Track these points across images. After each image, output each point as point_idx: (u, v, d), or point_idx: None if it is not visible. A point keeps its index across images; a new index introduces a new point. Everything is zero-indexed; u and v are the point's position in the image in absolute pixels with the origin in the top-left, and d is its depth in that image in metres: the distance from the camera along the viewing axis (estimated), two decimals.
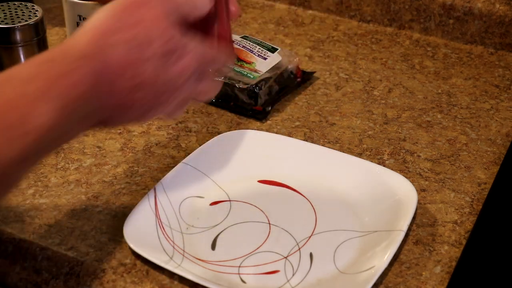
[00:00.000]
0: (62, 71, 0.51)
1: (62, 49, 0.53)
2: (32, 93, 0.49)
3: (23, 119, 0.48)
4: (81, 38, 0.53)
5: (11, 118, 0.48)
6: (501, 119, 0.88)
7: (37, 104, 0.49)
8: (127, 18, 0.54)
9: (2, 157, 0.47)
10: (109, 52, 0.53)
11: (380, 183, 0.73)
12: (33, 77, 0.50)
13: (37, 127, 0.49)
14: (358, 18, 1.12)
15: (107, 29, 0.53)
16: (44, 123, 0.49)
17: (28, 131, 0.48)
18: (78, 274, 0.65)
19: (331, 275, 0.65)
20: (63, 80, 0.50)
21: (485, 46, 1.04)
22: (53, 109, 0.49)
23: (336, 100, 0.92)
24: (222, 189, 0.75)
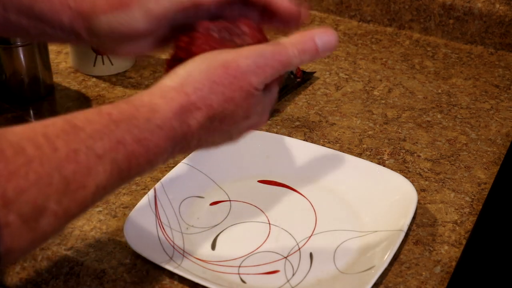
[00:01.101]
0: (137, 137, 0.49)
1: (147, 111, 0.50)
2: (98, 150, 0.47)
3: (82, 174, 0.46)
4: (169, 103, 0.51)
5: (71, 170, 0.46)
6: (501, 119, 0.88)
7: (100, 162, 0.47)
8: (218, 92, 0.52)
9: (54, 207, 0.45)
10: (191, 124, 0.52)
11: (380, 183, 0.73)
12: (104, 134, 0.48)
13: (95, 183, 0.47)
14: (358, 18, 1.12)
15: (195, 100, 0.52)
16: (101, 181, 0.48)
17: (85, 185, 0.47)
18: (78, 274, 0.65)
19: (331, 275, 0.65)
20: (135, 146, 0.49)
21: (485, 46, 1.04)
22: (116, 170, 0.48)
23: (336, 100, 0.92)
24: (222, 189, 0.75)
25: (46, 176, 0.44)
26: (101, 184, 0.48)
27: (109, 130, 0.48)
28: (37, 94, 0.91)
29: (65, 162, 0.45)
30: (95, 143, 0.47)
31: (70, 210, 0.46)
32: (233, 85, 0.53)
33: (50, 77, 0.92)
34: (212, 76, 0.52)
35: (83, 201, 0.47)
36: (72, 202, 0.46)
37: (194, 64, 0.53)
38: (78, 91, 0.93)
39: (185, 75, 0.52)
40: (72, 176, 0.46)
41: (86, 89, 0.93)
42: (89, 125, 0.48)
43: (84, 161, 0.46)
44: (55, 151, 0.45)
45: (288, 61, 0.54)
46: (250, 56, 0.53)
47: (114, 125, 0.48)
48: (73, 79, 0.96)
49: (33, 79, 0.90)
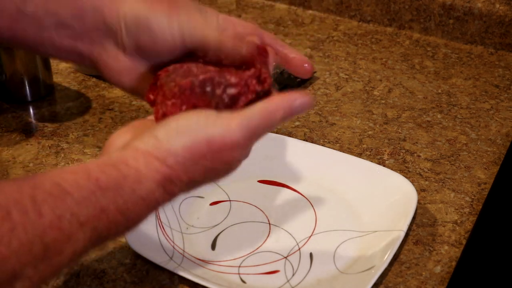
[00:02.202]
0: (121, 208, 0.49)
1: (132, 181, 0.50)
2: (82, 218, 0.47)
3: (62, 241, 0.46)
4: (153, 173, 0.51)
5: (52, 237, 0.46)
6: (501, 119, 0.88)
7: (81, 229, 0.47)
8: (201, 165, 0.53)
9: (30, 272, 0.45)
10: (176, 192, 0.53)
11: (380, 183, 0.73)
12: (90, 202, 0.48)
13: (73, 250, 0.47)
14: (358, 18, 1.12)
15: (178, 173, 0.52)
16: (79, 247, 0.48)
17: (63, 251, 0.47)
18: (78, 274, 0.65)
19: (331, 275, 0.65)
20: (118, 216, 0.49)
21: (485, 46, 1.04)
22: (95, 237, 0.49)
23: (336, 100, 0.92)
24: (222, 189, 0.75)
25: (28, 244, 0.44)
26: (78, 250, 0.48)
27: (95, 198, 0.48)
28: (37, 94, 0.91)
29: (48, 229, 0.45)
30: (80, 211, 0.47)
31: (44, 275, 0.47)
32: (216, 159, 0.53)
33: (50, 77, 0.92)
34: (196, 151, 0.52)
35: (59, 266, 0.47)
36: (48, 267, 0.46)
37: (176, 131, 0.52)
38: (78, 91, 0.93)
39: (166, 146, 0.52)
40: (53, 243, 0.46)
41: (86, 89, 0.93)
42: (77, 191, 0.48)
43: (66, 228, 0.46)
44: (40, 217, 0.45)
45: (271, 128, 0.55)
46: (237, 131, 0.53)
47: (100, 192, 0.49)
48: (73, 79, 0.96)
49: (33, 79, 0.90)
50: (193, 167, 0.52)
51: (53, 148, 0.81)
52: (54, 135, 0.84)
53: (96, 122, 0.86)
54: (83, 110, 0.89)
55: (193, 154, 0.52)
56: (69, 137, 0.83)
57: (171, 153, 0.52)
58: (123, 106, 0.89)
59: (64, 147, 0.81)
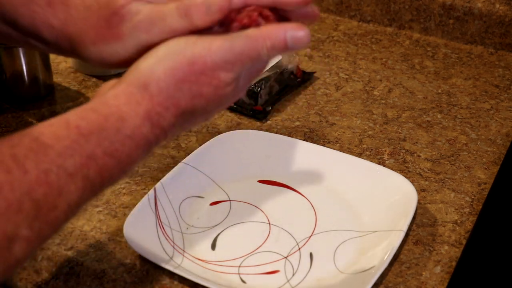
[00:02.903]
0: (108, 150, 0.48)
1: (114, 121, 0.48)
2: (69, 168, 0.46)
3: (54, 195, 0.45)
4: (135, 109, 0.49)
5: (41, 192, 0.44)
6: (501, 119, 0.88)
7: (71, 180, 0.46)
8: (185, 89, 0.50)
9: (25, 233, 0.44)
10: (162, 126, 0.50)
11: (380, 183, 0.73)
12: (74, 150, 0.46)
13: (67, 203, 0.46)
14: (358, 18, 1.12)
15: (162, 101, 0.50)
16: (73, 199, 0.46)
17: (56, 206, 0.45)
18: (78, 274, 0.65)
19: (331, 275, 0.65)
20: (107, 158, 0.48)
21: (485, 46, 1.04)
22: (89, 186, 0.47)
23: (336, 100, 0.92)
24: (222, 189, 0.75)
25: (17, 202, 0.43)
26: (73, 202, 0.46)
27: (79, 145, 0.46)
28: (37, 94, 0.91)
29: (35, 185, 0.44)
30: (66, 161, 0.45)
31: (42, 233, 0.45)
32: (201, 81, 0.51)
33: (50, 77, 0.92)
34: (177, 74, 0.50)
35: (55, 222, 0.46)
36: (44, 225, 0.45)
37: (157, 59, 0.51)
38: (78, 91, 0.93)
39: (148, 71, 0.50)
40: (43, 199, 0.44)
41: (86, 89, 0.93)
42: (58, 142, 0.46)
43: (55, 182, 0.45)
44: (25, 174, 0.44)
45: (257, 56, 0.52)
46: (218, 52, 0.50)
47: (83, 139, 0.47)
48: (73, 79, 0.96)
49: (33, 79, 0.90)
50: (178, 93, 0.50)
51: None
52: None
53: None
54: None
55: (176, 77, 0.50)
56: None
57: (152, 79, 0.50)
58: None
59: None
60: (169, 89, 0.50)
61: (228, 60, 0.51)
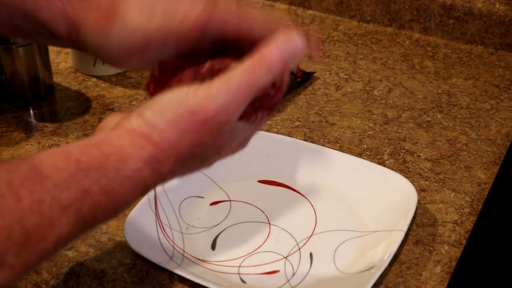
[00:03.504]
0: (105, 189, 0.47)
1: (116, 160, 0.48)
2: (64, 201, 0.45)
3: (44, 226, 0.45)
4: (138, 152, 0.49)
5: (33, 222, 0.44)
6: (501, 119, 0.88)
7: (64, 213, 0.45)
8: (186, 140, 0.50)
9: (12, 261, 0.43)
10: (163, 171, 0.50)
11: (380, 183, 0.73)
12: (71, 184, 0.46)
13: (57, 235, 0.46)
14: (358, 18, 1.12)
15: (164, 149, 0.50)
16: (64, 232, 0.46)
17: (46, 237, 0.45)
18: (78, 274, 0.65)
19: (331, 275, 0.65)
20: (102, 197, 0.47)
21: (485, 46, 1.04)
22: (80, 221, 0.47)
23: (336, 100, 0.92)
24: (222, 189, 0.75)
25: (7, 229, 0.43)
26: (63, 235, 0.46)
27: (76, 179, 0.46)
28: (37, 94, 0.91)
29: (28, 214, 0.44)
30: (61, 194, 0.45)
31: (28, 262, 0.45)
32: (202, 131, 0.51)
33: (50, 77, 0.92)
34: (179, 125, 0.50)
35: (43, 252, 0.46)
36: (31, 254, 0.45)
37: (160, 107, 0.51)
38: (78, 91, 0.93)
39: (151, 123, 0.50)
40: (34, 228, 0.44)
41: (86, 89, 0.93)
42: (56, 173, 0.46)
43: (47, 213, 0.45)
44: (18, 201, 0.44)
45: (257, 85, 0.51)
46: (217, 97, 0.50)
47: (82, 174, 0.47)
48: (73, 79, 0.96)
49: (33, 79, 0.90)
50: (179, 143, 0.50)
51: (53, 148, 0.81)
52: (54, 135, 0.84)
53: (96, 122, 0.86)
54: (83, 110, 0.89)
55: (178, 129, 0.50)
56: (69, 137, 0.83)
57: (155, 129, 0.50)
58: (123, 106, 0.89)
59: None
60: (171, 140, 0.50)
61: (228, 101, 0.50)
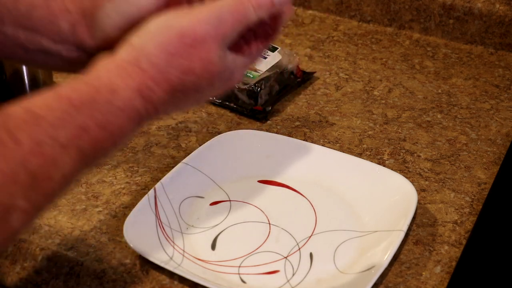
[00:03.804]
0: (100, 122, 0.48)
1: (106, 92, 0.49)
2: (62, 139, 0.46)
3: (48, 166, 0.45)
4: (127, 82, 0.49)
5: (36, 164, 0.44)
6: (501, 119, 0.88)
7: (65, 151, 0.46)
8: (176, 65, 0.51)
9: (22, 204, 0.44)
10: (153, 101, 0.50)
11: (380, 183, 0.73)
12: (66, 121, 0.46)
13: (61, 174, 0.46)
14: (358, 18, 1.12)
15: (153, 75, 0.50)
16: (68, 171, 0.46)
17: (52, 177, 0.46)
18: (78, 274, 0.65)
19: (331, 275, 0.65)
20: (99, 131, 0.48)
21: (485, 46, 1.04)
22: (82, 158, 0.47)
23: (336, 100, 0.92)
24: (222, 189, 0.75)
25: (12, 173, 0.43)
26: (68, 174, 0.47)
27: (71, 116, 0.47)
28: None
29: (30, 156, 0.44)
30: (58, 132, 0.46)
31: (38, 204, 0.46)
32: (192, 56, 0.51)
33: (50, 77, 0.92)
34: (168, 47, 0.50)
35: (51, 193, 0.46)
36: (40, 196, 0.45)
37: (148, 33, 0.51)
38: None
39: (139, 47, 0.50)
40: (38, 169, 0.45)
41: None
42: (50, 113, 0.46)
43: (49, 153, 0.45)
44: (18, 145, 0.44)
45: (246, 18, 0.52)
46: (207, 21, 0.51)
47: (75, 110, 0.47)
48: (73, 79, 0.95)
49: (33, 79, 0.90)
50: (169, 68, 0.50)
51: None
52: None
53: None
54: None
55: (167, 52, 0.50)
56: None
57: (144, 54, 0.50)
58: None
59: None
60: (160, 64, 0.50)
61: (217, 27, 0.51)
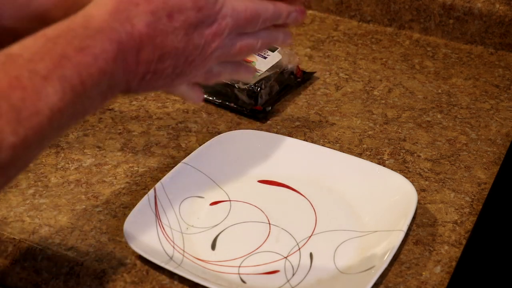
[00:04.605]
0: (80, 46, 0.46)
1: (81, 20, 0.48)
2: (42, 71, 0.45)
3: (32, 99, 0.44)
4: (102, 8, 0.49)
5: (18, 97, 0.44)
6: (501, 119, 0.88)
7: (47, 83, 0.45)
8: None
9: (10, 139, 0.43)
10: (133, 23, 0.49)
11: (380, 183, 0.73)
12: (44, 54, 0.45)
13: (48, 107, 0.45)
14: (358, 18, 1.12)
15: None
16: (55, 103, 0.45)
17: (38, 110, 0.44)
18: (78, 274, 0.65)
19: (331, 275, 0.65)
20: (80, 56, 0.46)
21: (485, 46, 1.04)
22: (68, 88, 0.46)
23: (336, 100, 0.92)
24: (222, 189, 0.75)
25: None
26: (55, 107, 0.46)
27: (48, 49, 0.46)
28: None
29: (9, 90, 0.44)
30: (37, 65, 0.45)
31: (28, 139, 0.45)
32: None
33: None
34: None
35: (40, 128, 0.45)
36: (28, 130, 0.44)
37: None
38: None
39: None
40: (21, 103, 0.44)
41: None
42: (26, 50, 0.46)
43: (29, 86, 0.44)
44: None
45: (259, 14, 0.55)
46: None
47: (51, 43, 0.46)
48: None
49: None
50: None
51: (53, 148, 0.81)
52: None
53: (96, 122, 0.86)
54: None
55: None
56: (69, 137, 0.83)
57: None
58: (123, 106, 0.89)
59: (64, 147, 0.81)
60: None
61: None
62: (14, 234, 0.68)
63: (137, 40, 0.49)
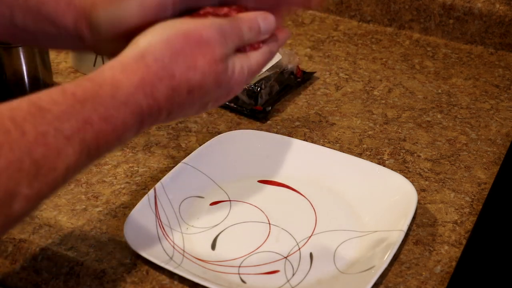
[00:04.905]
0: (104, 115, 0.49)
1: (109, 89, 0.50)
2: (66, 131, 0.47)
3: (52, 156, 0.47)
4: (130, 78, 0.51)
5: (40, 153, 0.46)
6: (501, 119, 0.88)
7: (69, 143, 0.47)
8: (180, 61, 0.52)
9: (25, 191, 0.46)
10: (155, 96, 0.51)
11: (380, 183, 0.73)
12: (71, 115, 0.48)
13: (65, 166, 0.47)
14: (358, 18, 1.12)
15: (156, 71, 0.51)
16: (71, 163, 0.48)
17: (55, 167, 0.47)
18: (78, 274, 0.65)
19: (331, 275, 0.65)
20: (103, 124, 0.49)
21: (485, 46, 1.04)
22: (85, 151, 0.48)
23: (336, 100, 0.92)
24: (222, 189, 0.75)
25: (17, 161, 0.45)
26: (71, 165, 0.48)
27: (75, 110, 0.48)
28: None
29: (34, 146, 0.46)
30: (63, 125, 0.47)
31: (41, 193, 0.47)
32: (195, 53, 0.52)
33: (50, 77, 0.92)
34: (173, 45, 0.52)
35: (54, 183, 0.48)
36: (43, 185, 0.47)
37: (154, 33, 0.53)
38: None
39: (145, 46, 0.52)
40: (43, 159, 0.46)
41: None
42: (55, 107, 0.48)
43: (53, 144, 0.47)
44: (23, 135, 0.46)
45: (242, 35, 0.55)
46: (212, 26, 0.53)
47: (79, 105, 0.48)
48: (73, 79, 0.96)
49: (33, 79, 0.90)
50: (172, 64, 0.52)
51: None
52: None
53: None
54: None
55: (171, 49, 0.52)
56: None
57: (148, 51, 0.51)
58: None
59: None
60: (164, 60, 0.52)
61: (221, 35, 0.53)
62: (14, 234, 0.68)
63: (156, 110, 0.52)
